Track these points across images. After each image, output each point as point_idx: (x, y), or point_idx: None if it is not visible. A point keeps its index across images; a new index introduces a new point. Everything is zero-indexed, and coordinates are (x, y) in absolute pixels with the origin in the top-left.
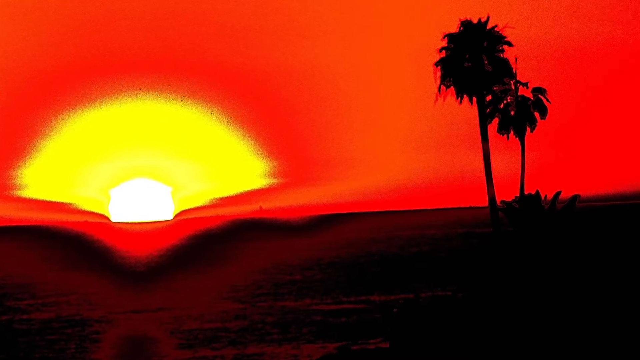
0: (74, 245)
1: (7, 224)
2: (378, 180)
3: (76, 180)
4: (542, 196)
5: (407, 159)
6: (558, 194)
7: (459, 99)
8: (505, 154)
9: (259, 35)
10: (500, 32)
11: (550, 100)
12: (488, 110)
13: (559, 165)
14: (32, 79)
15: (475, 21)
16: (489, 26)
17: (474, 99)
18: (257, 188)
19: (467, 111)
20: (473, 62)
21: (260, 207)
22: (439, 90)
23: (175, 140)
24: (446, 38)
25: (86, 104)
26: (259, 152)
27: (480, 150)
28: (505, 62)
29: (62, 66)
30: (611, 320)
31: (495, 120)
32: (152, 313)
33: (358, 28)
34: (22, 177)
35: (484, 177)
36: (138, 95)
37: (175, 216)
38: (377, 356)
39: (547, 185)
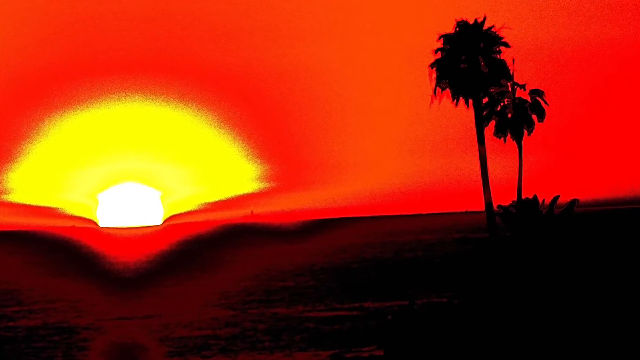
0: (61, 251)
1: None
2: (372, 184)
3: (63, 185)
4: (540, 200)
5: (401, 163)
6: (556, 198)
7: (455, 101)
8: (502, 158)
9: (250, 37)
10: (497, 33)
11: (548, 102)
12: (485, 112)
13: (557, 168)
14: (18, 80)
15: (471, 21)
16: (485, 27)
17: (470, 101)
18: (248, 192)
19: (463, 114)
20: (469, 63)
21: (252, 212)
22: (435, 92)
23: (165, 143)
24: (442, 39)
25: (74, 106)
26: (250, 156)
27: (477, 154)
28: (502, 63)
29: (49, 67)
30: (610, 326)
31: (492, 123)
32: (141, 320)
33: (351, 29)
34: (8, 181)
35: (481, 181)
36: (127, 98)
37: (165, 221)
38: None
39: (545, 189)
